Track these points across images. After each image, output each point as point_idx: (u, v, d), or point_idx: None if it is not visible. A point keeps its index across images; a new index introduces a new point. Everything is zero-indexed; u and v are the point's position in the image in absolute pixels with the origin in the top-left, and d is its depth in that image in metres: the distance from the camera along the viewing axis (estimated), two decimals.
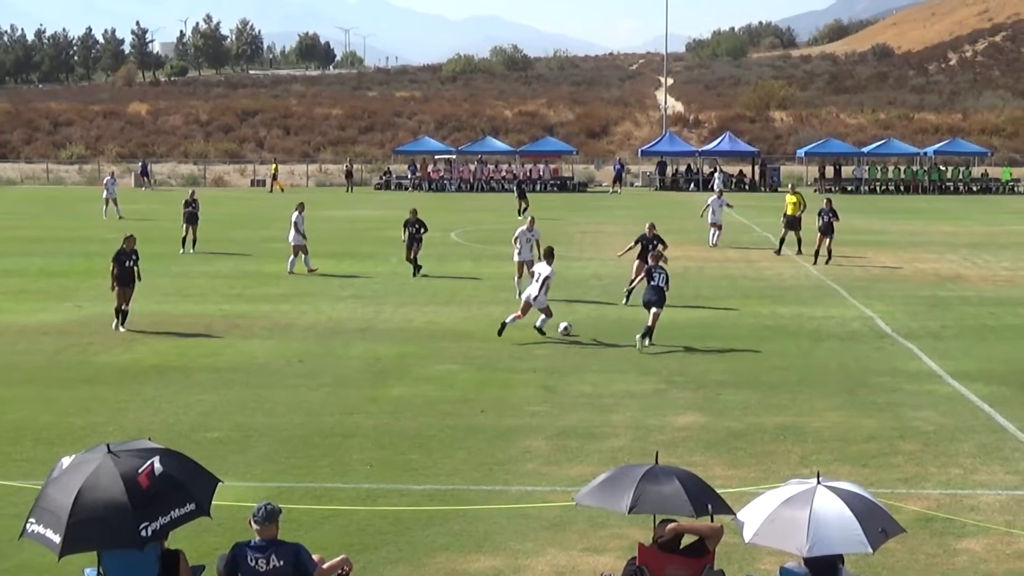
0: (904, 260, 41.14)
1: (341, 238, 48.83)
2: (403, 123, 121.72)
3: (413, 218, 37.61)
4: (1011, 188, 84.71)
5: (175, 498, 10.02)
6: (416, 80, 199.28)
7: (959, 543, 13.98)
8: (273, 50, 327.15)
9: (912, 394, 21.36)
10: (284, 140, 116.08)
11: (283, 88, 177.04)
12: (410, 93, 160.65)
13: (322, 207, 65.89)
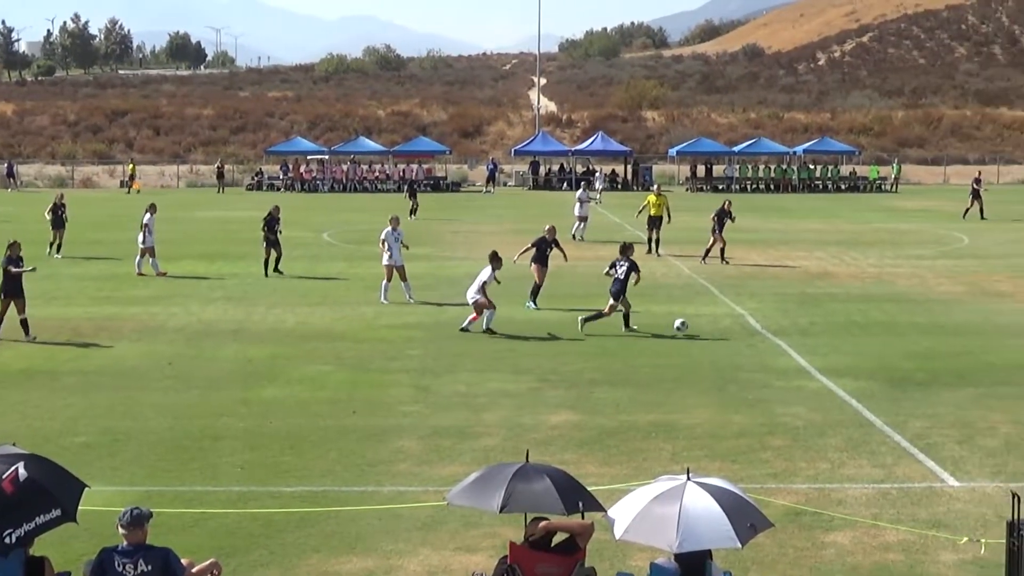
0: (774, 258, 41.66)
1: (212, 239, 48.28)
2: (275, 123, 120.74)
3: (272, 216, 37.51)
4: (878, 186, 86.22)
5: (40, 504, 9.82)
6: (288, 80, 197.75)
7: (827, 536, 14.15)
8: (143, 49, 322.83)
9: (781, 390, 21.61)
10: (154, 140, 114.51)
11: (153, 88, 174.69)
12: (282, 93, 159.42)
13: (193, 208, 65.27)
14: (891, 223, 56.94)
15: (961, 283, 35.43)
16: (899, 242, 47.52)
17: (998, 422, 19.21)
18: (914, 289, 34.39)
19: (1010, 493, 11.28)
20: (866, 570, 13.20)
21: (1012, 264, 39.70)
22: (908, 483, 16.22)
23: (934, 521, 14.67)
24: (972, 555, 13.32)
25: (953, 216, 60.10)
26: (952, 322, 28.84)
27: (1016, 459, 16.54)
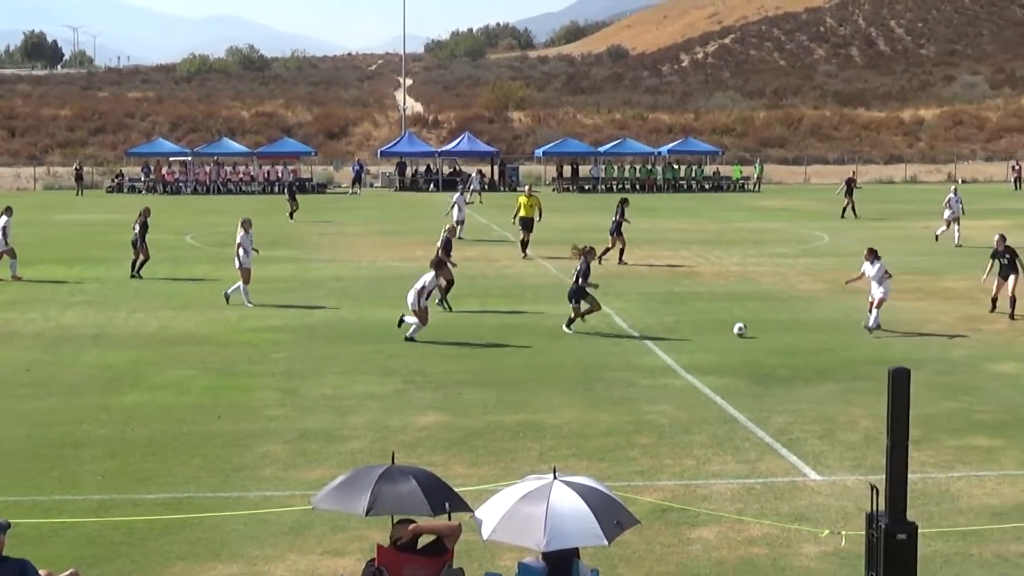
0: (640, 257, 41.98)
1: (71, 243, 47.43)
2: (136, 124, 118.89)
3: (145, 218, 37.15)
4: (741, 186, 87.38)
5: None
6: (149, 80, 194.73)
7: (693, 532, 14.28)
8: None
9: (648, 388, 21.78)
10: (9, 142, 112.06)
11: (7, 88, 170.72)
12: (143, 93, 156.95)
13: (51, 211, 64.06)
14: (754, 222, 57.74)
15: (822, 281, 36.02)
16: (762, 241, 48.20)
17: (857, 416, 19.55)
18: (776, 287, 34.90)
19: (869, 486, 11.47)
20: (731, 564, 13.35)
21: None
22: (771, 478, 16.44)
23: (797, 515, 14.88)
24: (833, 547, 13.53)
25: (814, 215, 61.14)
26: (813, 319, 29.32)
27: (875, 452, 16.82)
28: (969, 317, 29.15)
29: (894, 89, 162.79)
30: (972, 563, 13.32)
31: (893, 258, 41.38)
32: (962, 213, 47.33)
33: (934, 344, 25.97)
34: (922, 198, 75.14)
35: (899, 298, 32.50)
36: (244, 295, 31.32)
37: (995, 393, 21.34)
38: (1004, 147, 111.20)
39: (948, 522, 14.53)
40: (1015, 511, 14.97)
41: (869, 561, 11.24)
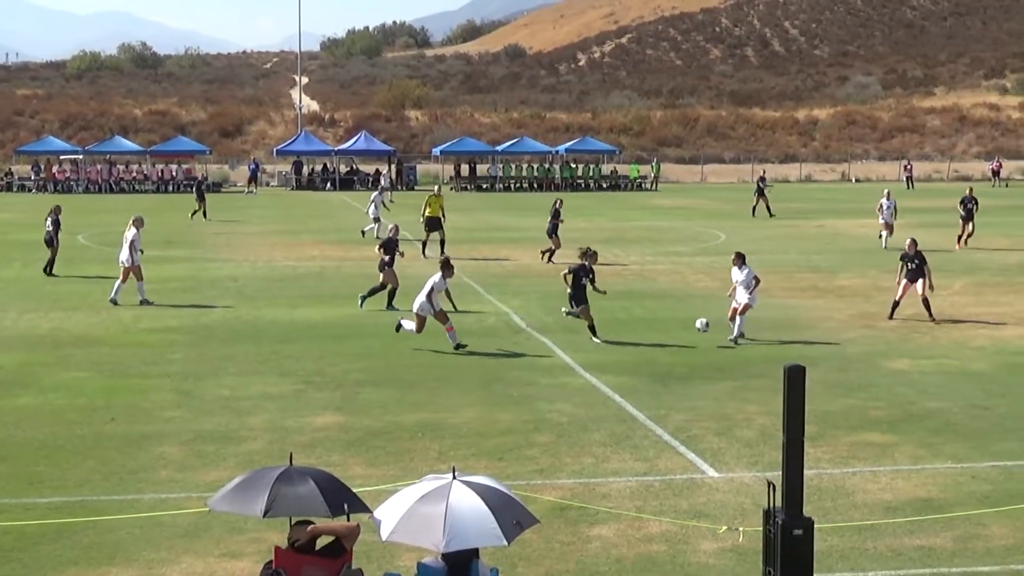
0: (537, 257, 42.03)
1: None
2: (25, 122, 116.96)
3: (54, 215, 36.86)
4: (638, 185, 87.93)
5: None
6: (38, 77, 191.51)
7: (592, 530, 14.31)
8: None
9: (547, 387, 21.81)
10: None
11: None
12: (32, 91, 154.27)
13: None
14: (651, 221, 58.10)
15: (718, 279, 36.24)
16: (659, 239, 48.50)
17: (754, 413, 19.71)
18: (674, 285, 35.14)
19: (766, 482, 11.54)
20: (630, 562, 13.39)
21: (765, 260, 40.80)
22: (670, 475, 16.52)
23: (695, 511, 14.97)
24: (731, 543, 13.63)
25: (710, 214, 61.66)
26: (710, 317, 29.49)
27: (771, 449, 16.97)
28: (864, 315, 29.52)
29: (789, 89, 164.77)
30: (867, 557, 13.47)
31: (788, 256, 41.95)
32: (893, 219, 46.49)
33: (829, 341, 26.25)
34: (817, 197, 76.13)
35: (795, 296, 32.88)
36: (140, 292, 30.98)
37: (889, 390, 21.62)
38: (896, 146, 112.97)
39: (844, 517, 14.69)
40: (908, 506, 15.17)
41: (766, 557, 11.31)
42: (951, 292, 33.49)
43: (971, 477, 16.40)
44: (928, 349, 25.45)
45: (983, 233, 49.04)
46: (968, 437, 18.44)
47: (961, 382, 22.34)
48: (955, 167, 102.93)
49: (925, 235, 49.60)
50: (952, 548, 13.73)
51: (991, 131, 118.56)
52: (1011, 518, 14.60)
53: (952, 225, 54.12)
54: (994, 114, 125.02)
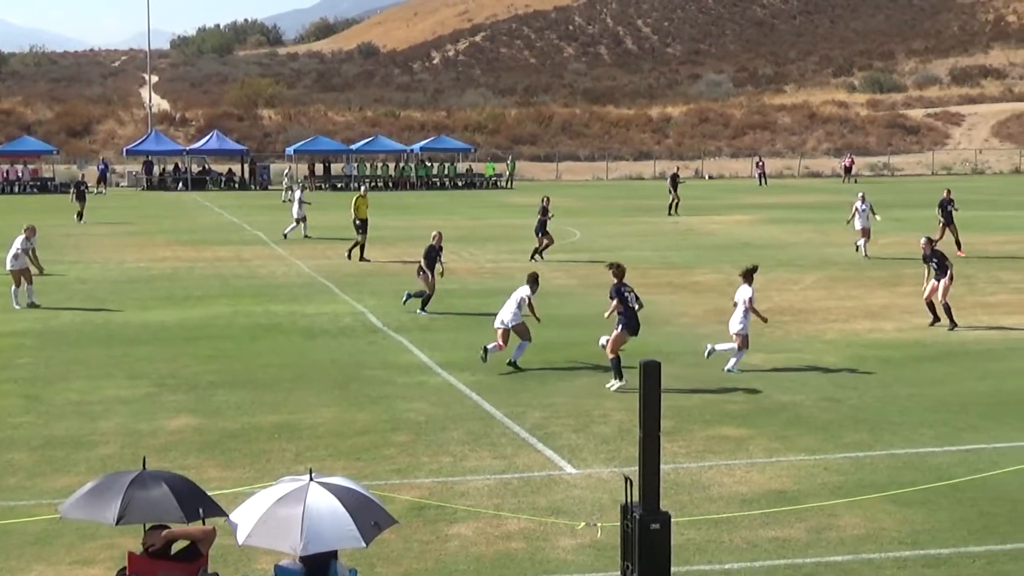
0: (394, 255, 41.93)
1: None
2: None
3: None
4: (494, 183, 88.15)
5: None
6: None
7: (451, 528, 14.27)
8: None
9: (404, 386, 21.72)
10: None
11: None
12: None
13: None
14: (507, 219, 58.22)
15: (574, 276, 36.52)
16: (515, 237, 48.60)
17: (611, 409, 19.83)
18: None
19: (623, 477, 11.60)
20: (489, 560, 13.38)
21: (620, 256, 40.94)
22: (528, 472, 16.54)
23: (553, 508, 15.00)
24: (590, 539, 13.68)
25: (566, 211, 61.88)
26: (566, 314, 29.64)
27: (629, 445, 17.07)
28: (718, 310, 29.84)
29: (642, 87, 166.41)
30: (723, 550, 13.62)
31: (643, 253, 42.34)
32: (869, 222, 41.81)
33: (685, 337, 26.52)
34: (668, 193, 76.91)
35: (651, 292, 33.13)
36: (13, 297, 30.41)
37: (743, 384, 21.90)
38: (748, 143, 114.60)
39: (700, 511, 14.83)
40: (763, 498, 15.37)
41: (624, 551, 11.37)
42: (803, 287, 34.06)
43: (823, 469, 16.67)
44: (781, 343, 25.83)
45: (835, 228, 49.97)
46: (820, 429, 18.75)
47: (813, 375, 22.71)
48: (806, 163, 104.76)
49: (778, 231, 50.46)
50: (806, 539, 13.94)
51: (840, 128, 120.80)
52: (862, 508, 14.87)
53: (803, 220, 55.10)
54: (843, 111, 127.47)
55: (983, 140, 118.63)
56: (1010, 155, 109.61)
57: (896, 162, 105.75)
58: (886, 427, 18.84)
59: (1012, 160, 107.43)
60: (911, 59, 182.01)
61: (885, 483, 15.87)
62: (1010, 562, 13.27)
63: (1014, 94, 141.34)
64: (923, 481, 15.84)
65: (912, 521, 14.49)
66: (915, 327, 27.69)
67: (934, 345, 24.28)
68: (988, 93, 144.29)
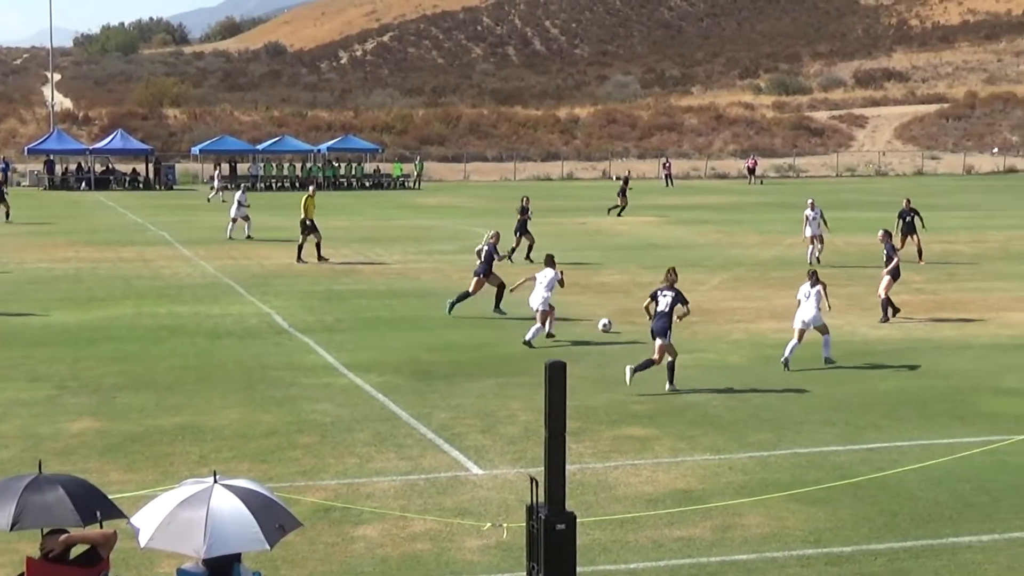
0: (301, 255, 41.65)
1: None
2: None
3: None
4: (401, 183, 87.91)
5: None
6: None
7: (356, 530, 14.20)
8: None
9: (310, 387, 21.60)
10: None
11: None
12: None
13: None
14: (414, 219, 58.09)
15: None
16: (422, 238, 48.53)
17: (517, 410, 19.84)
18: (437, 283, 35.19)
19: (529, 478, 11.61)
20: (395, 561, 13.33)
21: (520, 258, 41.19)
22: (434, 473, 16.51)
23: (459, 509, 14.98)
24: (495, 540, 13.67)
25: (473, 212, 61.95)
26: (473, 315, 29.64)
27: (534, 445, 17.09)
28: (624, 310, 29.98)
29: (550, 88, 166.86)
30: (629, 550, 13.67)
31: (551, 253, 42.33)
32: (821, 230, 40.53)
33: (593, 338, 26.58)
34: (578, 194, 77.23)
35: (558, 293, 33.21)
36: None
37: (649, 384, 21.98)
38: (655, 144, 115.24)
39: (606, 511, 14.88)
40: (669, 497, 15.45)
41: (530, 552, 11.38)
42: (709, 287, 34.30)
43: (728, 468, 16.79)
44: (687, 343, 25.95)
45: (739, 230, 50.41)
46: (725, 429, 18.88)
47: (719, 375, 22.87)
48: (712, 165, 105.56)
49: (684, 232, 50.79)
50: (711, 538, 14.03)
51: (746, 130, 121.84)
52: (766, 507, 14.99)
53: (709, 222, 55.53)
54: (749, 113, 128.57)
55: (886, 142, 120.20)
56: (912, 157, 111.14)
57: (801, 163, 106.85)
58: (790, 426, 19.02)
59: (914, 162, 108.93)
60: (816, 62, 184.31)
61: (789, 482, 16.01)
62: (911, 559, 13.44)
63: (916, 97, 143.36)
64: (826, 480, 16.00)
65: (815, 519, 14.64)
66: None
67: (837, 345, 24.53)
68: (891, 96, 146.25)
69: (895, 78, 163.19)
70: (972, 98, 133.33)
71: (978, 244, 46.22)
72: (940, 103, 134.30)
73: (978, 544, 13.92)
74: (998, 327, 28.00)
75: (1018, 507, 15.12)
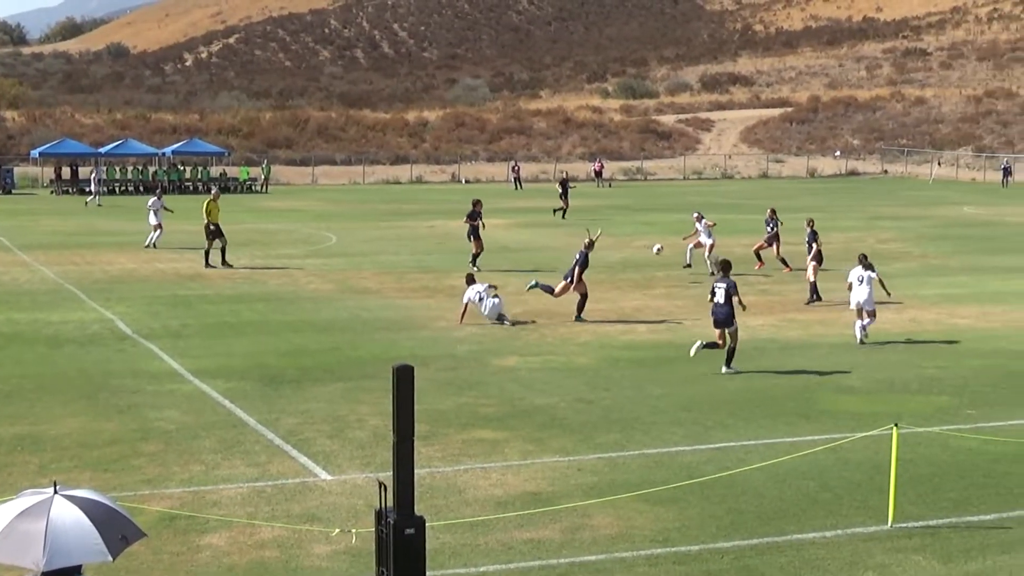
0: (143, 260, 41.03)
1: None
2: None
3: None
4: (248, 187, 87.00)
5: None
6: None
7: (202, 539, 13.99)
8: None
9: (154, 394, 21.23)
10: None
11: None
12: None
13: None
14: (262, 223, 57.46)
15: (330, 281, 36.25)
16: (270, 242, 48.06)
17: (366, 415, 19.72)
18: (285, 288, 34.85)
19: (378, 483, 11.53)
20: (242, 569, 13.15)
21: (377, 261, 41.07)
22: (282, 480, 16.33)
23: (308, 515, 14.83)
24: (344, 545, 13.57)
25: (321, 216, 61.52)
26: (322, 319, 29.44)
27: (383, 450, 16.98)
28: (473, 313, 29.98)
29: (399, 91, 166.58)
30: (478, 552, 13.65)
31: (400, 257, 42.36)
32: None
33: (441, 341, 26.55)
34: (428, 198, 77.17)
35: (407, 296, 33.18)
36: None
37: (498, 387, 22.03)
38: (504, 148, 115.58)
39: (456, 514, 14.84)
40: (518, 500, 15.46)
41: (379, 557, 11.29)
42: (559, 290, 34.41)
43: (577, 469, 16.86)
44: (536, 346, 26.08)
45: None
46: (574, 431, 18.97)
47: (567, 377, 22.97)
48: (561, 168, 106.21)
49: (534, 235, 51.01)
50: (560, 540, 14.07)
51: (594, 133, 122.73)
52: (615, 507, 15.08)
53: (558, 224, 55.85)
54: (597, 116, 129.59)
55: (732, 146, 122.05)
56: (757, 160, 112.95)
57: (649, 167, 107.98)
58: (638, 427, 19.17)
59: (759, 165, 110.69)
60: (663, 66, 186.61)
61: (637, 482, 16.13)
62: (756, 556, 13.62)
63: (761, 101, 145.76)
64: (674, 479, 16.15)
65: (663, 519, 14.76)
66: (667, 328, 28.30)
67: (685, 346, 24.81)
68: (737, 100, 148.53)
69: (740, 82, 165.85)
70: (815, 102, 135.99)
71: (822, 246, 47.01)
72: (784, 107, 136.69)
73: (821, 540, 14.15)
74: (841, 327, 28.54)
75: (859, 503, 15.41)
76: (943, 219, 57.14)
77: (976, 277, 37.41)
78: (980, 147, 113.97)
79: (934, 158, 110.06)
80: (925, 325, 28.75)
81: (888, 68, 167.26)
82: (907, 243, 48.06)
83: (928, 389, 22.16)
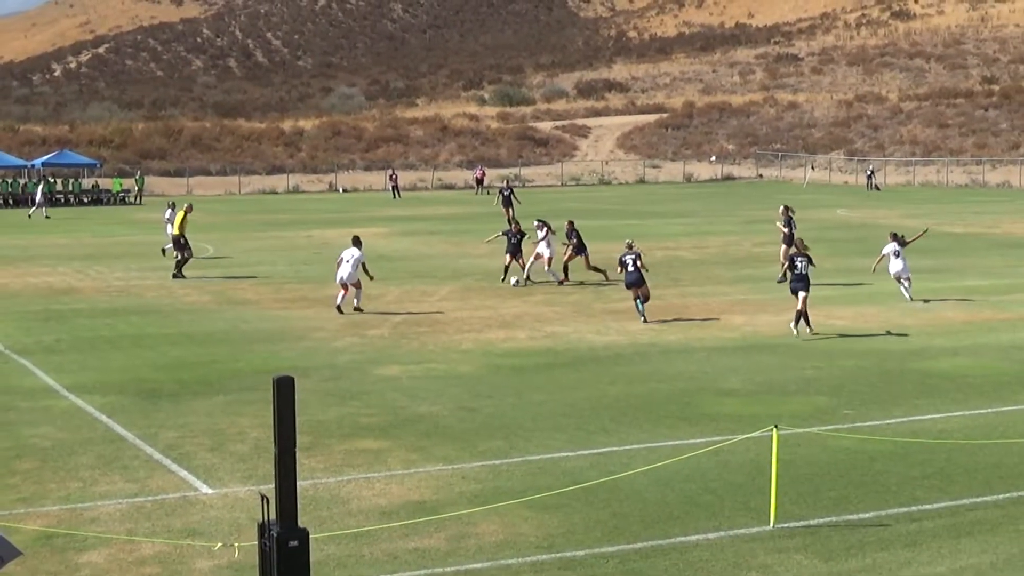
0: (14, 275, 40.24)
1: None
2: None
3: None
4: (122, 199, 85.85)
5: None
6: None
7: (81, 557, 13.72)
8: None
9: (28, 411, 20.81)
10: None
11: None
12: None
13: None
14: (137, 235, 56.69)
15: (208, 292, 35.84)
16: (145, 254, 47.39)
17: (247, 427, 19.50)
18: (162, 300, 34.38)
19: (260, 496, 11.40)
20: None
21: (255, 271, 40.70)
22: (162, 495, 16.08)
23: (189, 530, 14.62)
24: (227, 559, 13.39)
25: (198, 227, 60.75)
26: (200, 331, 29.09)
27: (265, 462, 16.80)
28: (354, 323, 29.86)
29: (274, 100, 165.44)
30: (364, 563, 13.54)
31: (277, 267, 42.03)
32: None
33: (321, 351, 26.36)
34: (305, 207, 76.72)
35: (285, 307, 32.90)
36: None
37: (380, 396, 21.91)
38: (382, 155, 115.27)
39: (340, 525, 14.72)
40: (403, 509, 15.38)
41: (263, 570, 11.17)
42: (438, 298, 34.40)
43: (461, 477, 16.82)
44: (417, 354, 26.00)
45: (467, 240, 50.70)
46: (457, 438, 18.92)
47: (449, 385, 22.92)
48: (439, 176, 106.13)
49: (413, 243, 50.91)
50: (446, 548, 14.01)
51: (472, 140, 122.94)
52: (500, 514, 15.05)
53: (437, 232, 55.79)
54: (474, 124, 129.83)
55: (609, 151, 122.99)
56: (634, 166, 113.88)
57: (527, 173, 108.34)
58: (521, 434, 19.18)
59: (636, 171, 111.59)
60: (539, 73, 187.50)
61: (521, 489, 16.12)
62: (641, 560, 13.67)
63: (637, 107, 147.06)
64: (558, 486, 16.16)
65: (548, 525, 14.77)
66: (547, 335, 28.36)
67: (565, 352, 24.89)
68: (612, 106, 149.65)
69: (616, 89, 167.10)
70: (690, 108, 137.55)
71: (699, 250, 47.60)
72: (660, 113, 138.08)
73: (705, 542, 14.25)
74: (720, 330, 28.83)
75: (741, 504, 15.55)
76: (818, 222, 57.96)
77: (851, 278, 38.01)
78: (852, 151, 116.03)
79: (807, 162, 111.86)
80: (803, 326, 29.13)
81: (761, 73, 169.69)
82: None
83: (806, 390, 22.45)
